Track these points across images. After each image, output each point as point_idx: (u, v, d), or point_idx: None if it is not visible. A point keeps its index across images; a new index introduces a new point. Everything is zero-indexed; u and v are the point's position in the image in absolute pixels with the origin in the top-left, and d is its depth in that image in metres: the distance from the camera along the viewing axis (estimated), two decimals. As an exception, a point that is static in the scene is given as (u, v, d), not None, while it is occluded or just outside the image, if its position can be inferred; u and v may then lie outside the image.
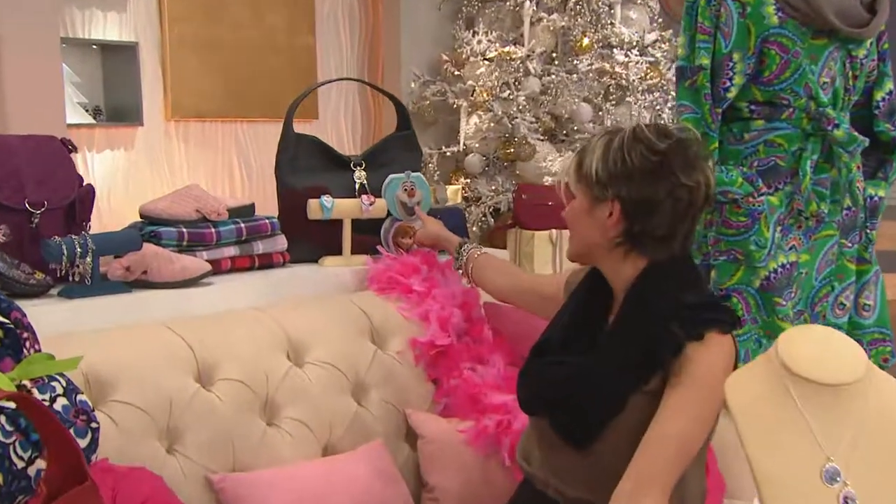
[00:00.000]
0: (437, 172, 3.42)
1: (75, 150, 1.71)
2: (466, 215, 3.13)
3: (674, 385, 1.22)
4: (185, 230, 1.74)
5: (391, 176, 1.94)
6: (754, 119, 1.67)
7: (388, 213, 1.92)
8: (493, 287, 1.67)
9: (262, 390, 1.54)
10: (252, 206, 1.86)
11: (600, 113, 3.40)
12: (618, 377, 1.24)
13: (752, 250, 1.65)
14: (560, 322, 1.38)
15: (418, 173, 1.96)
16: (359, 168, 1.97)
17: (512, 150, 3.32)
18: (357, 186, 1.95)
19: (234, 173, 3.31)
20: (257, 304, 1.72)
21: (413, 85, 3.46)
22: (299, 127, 1.93)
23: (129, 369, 1.43)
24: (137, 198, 2.82)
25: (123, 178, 3.05)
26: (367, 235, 1.92)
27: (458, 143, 3.39)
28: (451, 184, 3.32)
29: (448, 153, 3.42)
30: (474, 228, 3.30)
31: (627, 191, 1.26)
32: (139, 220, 1.78)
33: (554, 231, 3.16)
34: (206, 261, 1.73)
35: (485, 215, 3.28)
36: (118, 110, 3.04)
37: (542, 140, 3.33)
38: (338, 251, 1.91)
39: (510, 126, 3.29)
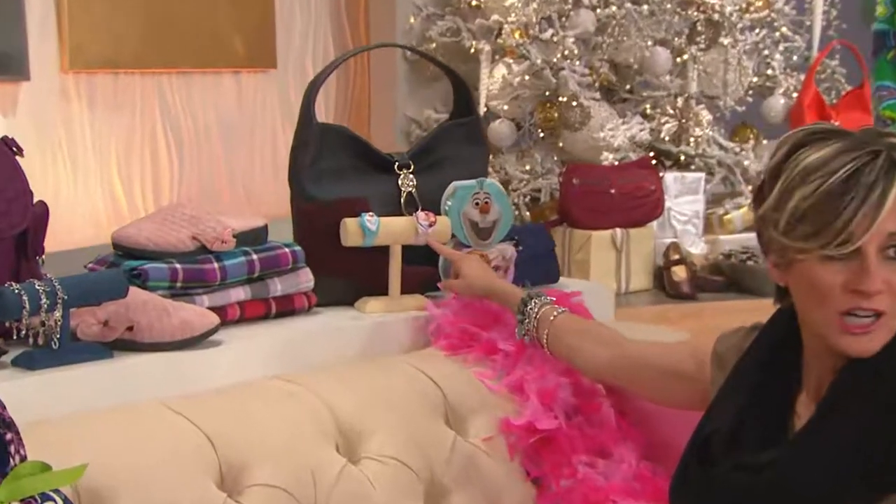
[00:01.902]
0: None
1: (20, 152, 1.74)
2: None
3: None
4: (178, 266, 1.79)
5: (456, 184, 2.02)
6: None
7: (452, 236, 2.01)
8: (583, 361, 1.77)
9: (309, 499, 1.61)
10: (265, 229, 1.92)
11: (682, 60, 3.51)
12: (844, 486, 1.32)
13: None
14: (730, 406, 1.47)
15: (493, 181, 2.04)
16: (405, 171, 2.04)
17: (556, 114, 3.42)
18: (403, 197, 2.03)
19: (159, 145, 3.34)
20: (283, 370, 1.78)
21: (412, 21, 3.51)
22: (249, 81, 1.97)
23: (129, 475, 1.49)
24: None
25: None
26: (417, 266, 2.00)
27: (478, 104, 3.46)
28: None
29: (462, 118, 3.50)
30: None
31: None
32: (113, 251, 1.82)
33: (618, 231, 3.29)
34: (208, 308, 1.79)
35: (516, 207, 3.36)
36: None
37: (599, 100, 3.44)
38: (381, 290, 1.98)
39: (553, 80, 3.38)
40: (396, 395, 1.77)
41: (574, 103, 3.36)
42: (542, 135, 3.48)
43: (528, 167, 3.45)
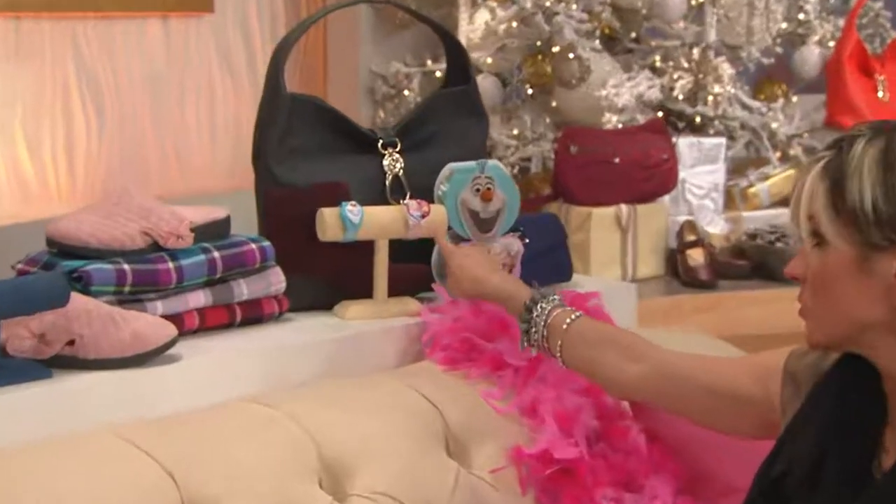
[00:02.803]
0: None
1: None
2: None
3: None
4: (127, 267, 1.80)
5: (452, 166, 2.04)
6: None
7: (448, 228, 2.03)
8: (608, 377, 1.78)
9: (290, 545, 1.64)
10: (227, 221, 1.94)
11: (698, 2, 3.52)
12: None
13: None
14: (806, 441, 1.50)
15: (497, 163, 2.07)
16: (391, 150, 2.06)
17: (549, 68, 3.45)
18: (389, 182, 2.04)
19: (73, 103, 3.33)
20: (252, 390, 1.81)
21: (375, -43, 3.51)
22: (180, 27, 1.97)
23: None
24: None
25: None
26: (407, 263, 2.03)
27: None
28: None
29: (436, 72, 3.52)
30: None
31: None
32: (46, 249, 1.82)
33: (623, 207, 3.33)
34: (162, 316, 1.80)
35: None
36: None
37: (600, 51, 3.46)
38: (365, 292, 2.01)
39: (546, 27, 3.41)
40: (387, 419, 1.80)
41: (570, 55, 3.39)
42: (531, 93, 3.50)
43: (515, 131, 3.48)
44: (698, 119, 3.55)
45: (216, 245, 1.89)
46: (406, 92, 3.48)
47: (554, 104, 3.47)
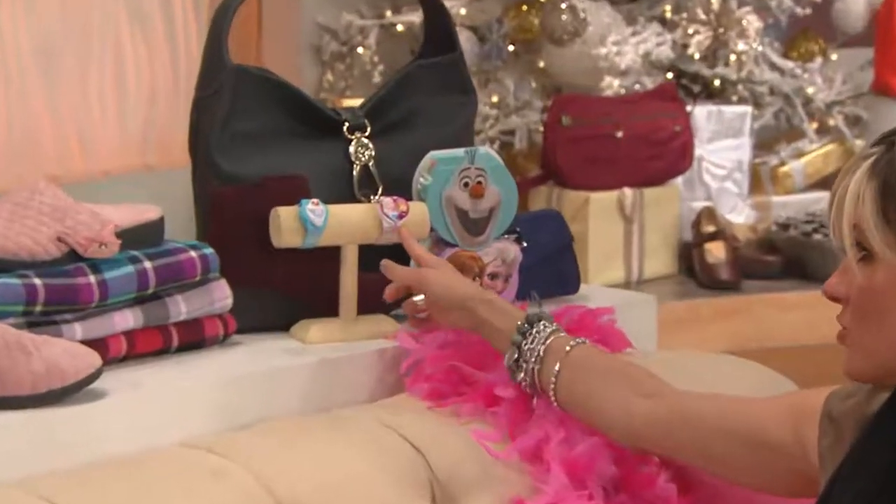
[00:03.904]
0: (377, 65, 3.54)
1: None
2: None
3: None
4: (38, 282, 1.80)
5: (435, 155, 2.06)
6: None
7: (431, 230, 2.06)
8: (609, 416, 1.81)
9: None
10: (160, 224, 1.95)
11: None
12: None
13: None
14: (860, 499, 1.54)
15: (489, 150, 2.09)
16: (358, 135, 2.08)
17: (535, 20, 3.48)
18: (357, 174, 2.07)
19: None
20: (194, 432, 1.83)
21: None
22: None
23: None
24: None
25: None
26: (379, 273, 2.04)
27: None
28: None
29: (397, 25, 3.53)
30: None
31: None
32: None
33: (628, 192, 3.37)
34: (82, 342, 1.81)
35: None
36: None
37: (598, 0, 3.49)
38: (329, 309, 2.03)
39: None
40: (359, 466, 1.81)
41: (562, 5, 3.41)
42: (514, 51, 3.53)
43: (494, 99, 3.51)
44: (718, 83, 3.58)
45: (147, 253, 1.90)
46: (360, 50, 3.50)
47: (542, 65, 3.50)
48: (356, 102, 3.28)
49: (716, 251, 3.38)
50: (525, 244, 2.12)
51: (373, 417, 1.90)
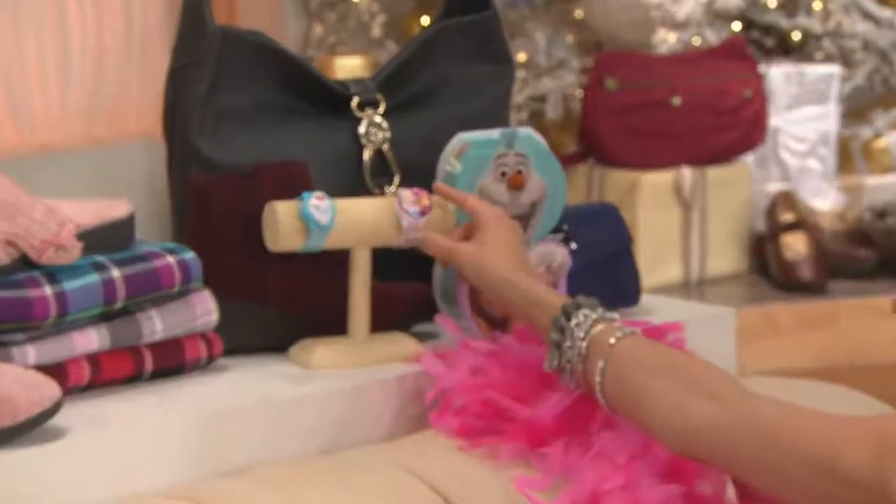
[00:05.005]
0: (376, 15, 3.55)
1: None
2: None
3: None
4: (-18, 296, 1.83)
5: (465, 137, 2.08)
6: None
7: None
8: (664, 419, 1.83)
9: None
10: (129, 223, 1.96)
11: None
12: None
13: None
14: None
15: (531, 132, 2.11)
16: (370, 111, 2.10)
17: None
18: (369, 160, 2.10)
19: None
20: (175, 479, 1.84)
21: None
22: None
23: None
24: None
25: None
26: (398, 281, 2.08)
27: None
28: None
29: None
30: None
31: None
32: None
33: (686, 171, 3.40)
34: (37, 367, 1.83)
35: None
36: None
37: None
38: (337, 327, 2.05)
39: None
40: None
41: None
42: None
43: (521, 56, 3.52)
44: (798, 37, 3.58)
45: (115, 259, 1.92)
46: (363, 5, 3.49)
47: (579, 15, 3.50)
48: (352, 62, 3.36)
49: (795, 245, 3.39)
50: (574, 246, 2.13)
51: (390, 460, 1.92)
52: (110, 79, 3.49)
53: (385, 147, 2.09)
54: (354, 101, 2.09)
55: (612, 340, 1.86)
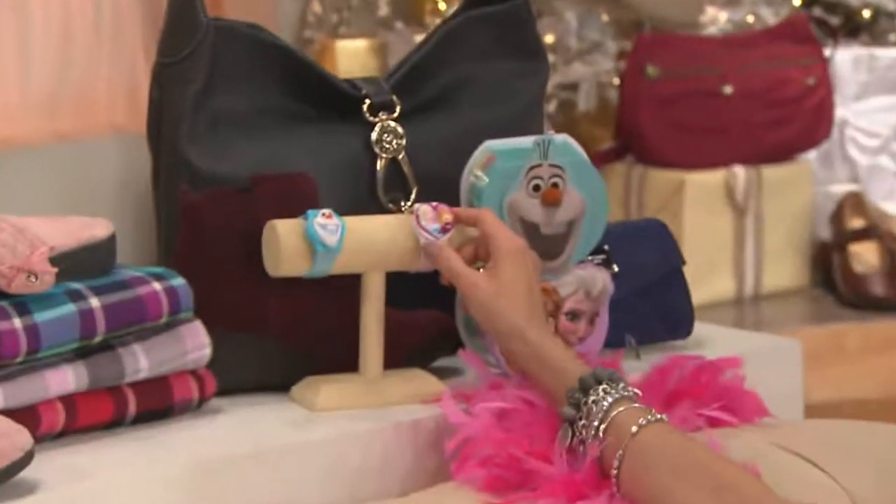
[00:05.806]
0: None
1: None
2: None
3: None
4: (-57, 330, 1.85)
5: (493, 146, 2.10)
6: None
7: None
8: None
9: None
10: (109, 243, 1.98)
11: None
12: None
13: None
14: None
15: (568, 138, 2.14)
16: (385, 115, 2.12)
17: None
18: (381, 170, 2.12)
19: None
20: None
21: None
22: None
23: None
24: None
25: None
26: (414, 310, 2.10)
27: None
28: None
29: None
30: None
31: None
32: None
33: (739, 171, 3.42)
34: (5, 413, 1.84)
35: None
36: None
37: None
38: (346, 362, 2.07)
39: None
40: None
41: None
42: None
43: (549, 38, 3.54)
44: (869, 14, 3.60)
45: (94, 286, 1.94)
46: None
47: (622, -2, 3.53)
48: (356, 45, 3.38)
49: (865, 255, 3.41)
50: (617, 269, 2.16)
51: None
52: (76, 65, 3.50)
53: (401, 156, 2.11)
54: (366, 104, 2.11)
55: (635, 429, 1.87)
